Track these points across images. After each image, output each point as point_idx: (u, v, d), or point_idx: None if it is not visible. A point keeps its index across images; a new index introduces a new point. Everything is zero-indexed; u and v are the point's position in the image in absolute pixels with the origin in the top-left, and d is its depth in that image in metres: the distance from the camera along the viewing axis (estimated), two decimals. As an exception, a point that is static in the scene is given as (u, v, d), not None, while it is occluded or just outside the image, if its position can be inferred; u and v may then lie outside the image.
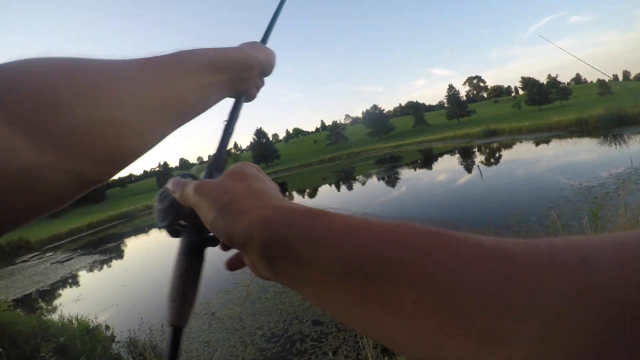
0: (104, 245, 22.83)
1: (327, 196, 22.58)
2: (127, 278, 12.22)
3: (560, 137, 26.95)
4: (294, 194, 28.36)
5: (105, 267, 15.89)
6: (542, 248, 0.24)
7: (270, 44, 0.76)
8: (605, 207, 7.86)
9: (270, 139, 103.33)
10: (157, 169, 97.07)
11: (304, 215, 0.35)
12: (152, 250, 17.80)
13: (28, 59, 0.39)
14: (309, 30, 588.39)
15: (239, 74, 0.64)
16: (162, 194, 0.50)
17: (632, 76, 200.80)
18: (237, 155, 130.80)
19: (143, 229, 27.06)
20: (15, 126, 0.35)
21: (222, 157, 0.64)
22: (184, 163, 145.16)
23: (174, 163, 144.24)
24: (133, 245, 22.18)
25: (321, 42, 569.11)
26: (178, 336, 0.49)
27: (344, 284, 0.29)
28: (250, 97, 0.72)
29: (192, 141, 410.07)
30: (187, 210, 0.47)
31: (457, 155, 29.65)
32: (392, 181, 22.24)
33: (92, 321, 7.16)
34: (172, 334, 0.48)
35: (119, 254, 19.07)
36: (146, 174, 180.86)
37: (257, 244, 0.34)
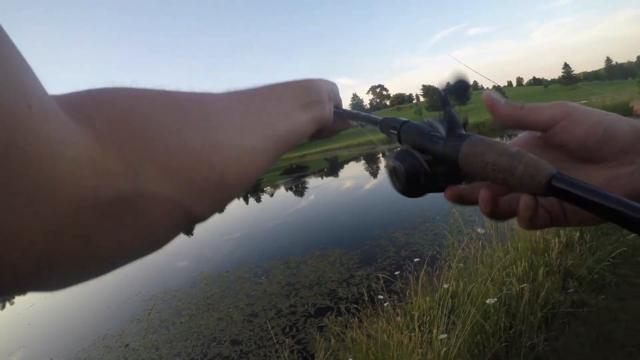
0: None
1: (235, 211, 22.29)
2: (32, 315, 11.21)
3: None
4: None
5: (7, 304, 14.51)
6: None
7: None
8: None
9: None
10: None
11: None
12: None
13: (113, 86, 0.35)
14: (222, 35, 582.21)
15: (320, 103, 0.67)
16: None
17: (525, 82, 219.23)
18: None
19: None
20: (108, 148, 0.29)
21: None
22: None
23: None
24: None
25: (232, 46, 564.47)
26: None
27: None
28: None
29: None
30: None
31: (363, 162, 30.45)
32: (300, 191, 22.45)
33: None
34: None
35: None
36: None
37: None
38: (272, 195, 24.56)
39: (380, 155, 32.30)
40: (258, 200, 24.12)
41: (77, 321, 9.25)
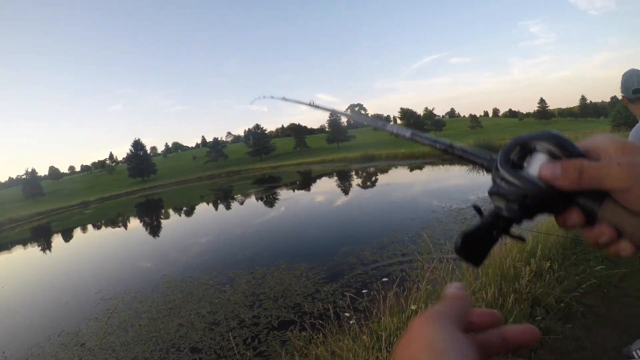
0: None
1: (204, 216, 22.07)
2: None
3: (433, 163, 29.45)
4: (170, 211, 27.38)
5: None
6: None
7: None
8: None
9: (149, 151, 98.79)
10: (24, 176, 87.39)
11: None
12: (17, 272, 15.63)
13: None
14: (201, 40, 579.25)
15: None
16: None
17: (500, 113, 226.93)
18: (112, 167, 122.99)
19: (6, 246, 23.88)
20: None
21: None
22: (54, 172, 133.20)
23: (42, 171, 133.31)
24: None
25: (212, 54, 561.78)
26: None
27: None
28: None
29: (64, 147, 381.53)
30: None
31: (335, 178, 30.54)
32: (270, 201, 22.33)
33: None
34: None
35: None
36: (12, 182, 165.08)
37: None
38: (242, 203, 24.40)
39: (353, 172, 32.48)
40: (228, 207, 23.93)
41: (33, 314, 8.95)
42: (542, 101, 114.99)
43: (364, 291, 6.01)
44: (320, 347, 3.97)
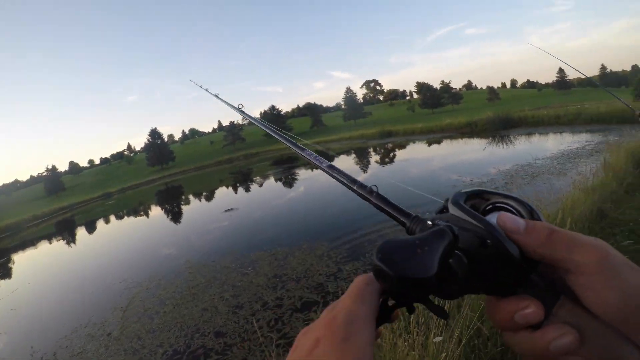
0: (-18, 264, 20.03)
1: (223, 199, 22.11)
2: (15, 301, 10.89)
3: (452, 137, 29.06)
4: (190, 197, 27.51)
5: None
6: None
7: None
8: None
9: (166, 140, 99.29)
10: (45, 173, 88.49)
11: None
12: (42, 267, 15.90)
13: None
14: (213, 21, 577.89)
15: None
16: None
17: (519, 84, 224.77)
18: (131, 157, 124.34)
19: (31, 242, 24.35)
20: None
21: None
22: (74, 167, 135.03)
23: (62, 167, 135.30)
24: (21, 261, 19.18)
25: (225, 36, 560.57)
26: None
27: None
28: None
29: (83, 141, 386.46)
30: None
31: (353, 155, 30.33)
32: (289, 182, 22.35)
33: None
34: None
35: (5, 273, 16.38)
36: (33, 180, 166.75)
37: None
38: (261, 185, 24.45)
39: (371, 149, 32.25)
40: (247, 189, 23.96)
41: (60, 307, 9.05)
42: (560, 71, 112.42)
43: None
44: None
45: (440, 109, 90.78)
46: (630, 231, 4.98)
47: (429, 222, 0.47)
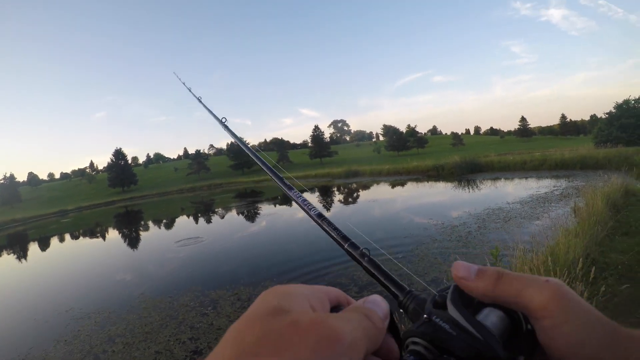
0: None
1: (183, 228, 21.51)
2: None
3: (418, 180, 29.46)
4: (150, 223, 26.72)
5: None
6: None
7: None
8: (470, 246, 8.63)
9: (130, 161, 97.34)
10: (2, 181, 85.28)
11: None
12: None
13: None
14: (187, 50, 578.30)
15: None
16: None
17: (482, 131, 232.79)
18: (92, 176, 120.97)
19: None
20: None
21: None
22: (32, 178, 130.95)
23: (21, 177, 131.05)
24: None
25: (199, 64, 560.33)
26: None
27: None
28: None
29: (44, 152, 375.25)
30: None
31: (317, 193, 30.19)
32: (251, 216, 21.92)
33: None
34: None
35: None
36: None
37: None
38: (222, 217, 23.87)
39: (335, 188, 32.16)
40: (208, 221, 23.38)
41: (-3, 333, 8.31)
42: (522, 119, 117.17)
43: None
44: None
45: (406, 152, 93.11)
46: (621, 275, 5.04)
47: (425, 316, 0.40)
